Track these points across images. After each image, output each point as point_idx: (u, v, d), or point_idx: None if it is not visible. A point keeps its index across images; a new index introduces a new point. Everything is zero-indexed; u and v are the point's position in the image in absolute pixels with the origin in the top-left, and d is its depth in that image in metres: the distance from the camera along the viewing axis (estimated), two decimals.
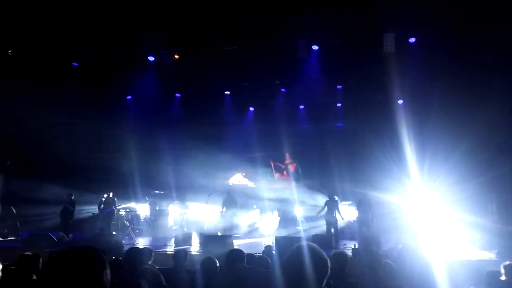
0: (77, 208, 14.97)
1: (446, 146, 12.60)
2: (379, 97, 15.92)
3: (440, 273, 5.12)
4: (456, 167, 12.47)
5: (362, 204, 13.70)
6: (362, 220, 13.60)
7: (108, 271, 2.05)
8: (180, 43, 14.26)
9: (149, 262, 5.72)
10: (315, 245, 2.47)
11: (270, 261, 5.92)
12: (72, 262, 1.96)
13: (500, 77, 12.10)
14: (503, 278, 5.48)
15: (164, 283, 4.63)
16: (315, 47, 13.94)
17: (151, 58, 14.86)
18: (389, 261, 5.56)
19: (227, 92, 18.01)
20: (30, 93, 13.71)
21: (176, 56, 14.99)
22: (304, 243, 2.46)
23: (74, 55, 14.83)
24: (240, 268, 4.46)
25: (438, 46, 12.65)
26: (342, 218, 14.03)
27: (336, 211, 13.71)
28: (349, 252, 8.47)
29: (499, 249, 10.12)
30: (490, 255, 10.37)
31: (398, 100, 15.77)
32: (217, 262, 5.34)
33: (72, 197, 14.52)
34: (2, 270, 3.43)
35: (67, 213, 14.37)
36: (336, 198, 14.26)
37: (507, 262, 5.60)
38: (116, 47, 14.23)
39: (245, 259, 5.01)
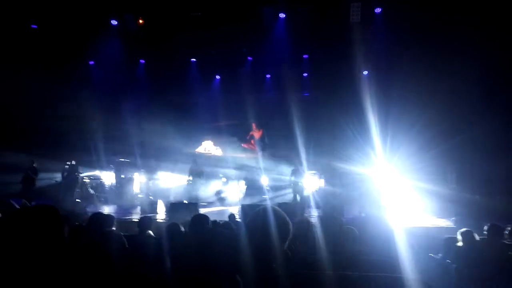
0: (40, 175, 14.62)
1: (409, 117, 12.88)
2: (344, 67, 15.97)
3: (400, 240, 5.30)
4: (418, 137, 12.79)
5: (327, 174, 13.93)
6: (327, 189, 13.85)
7: (67, 229, 2.04)
8: (144, 7, 13.84)
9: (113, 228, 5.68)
10: (278, 208, 2.51)
11: (235, 227, 5.98)
12: (29, 218, 1.95)
13: (463, 48, 12.33)
14: (459, 244, 5.68)
15: (127, 246, 4.62)
16: (282, 15, 13.82)
17: (114, 22, 14.38)
18: (351, 227, 5.72)
19: (193, 60, 17.72)
20: None
21: (141, 21, 14.56)
22: (269, 206, 2.49)
23: (33, 17, 14.19)
24: (205, 229, 4.49)
25: (404, 16, 12.75)
26: (306, 187, 14.26)
27: (302, 180, 13.90)
28: (314, 220, 8.61)
29: (457, 217, 10.49)
30: (448, 223, 10.75)
31: (364, 70, 15.91)
32: (182, 227, 5.35)
33: (34, 164, 14.14)
34: None
35: (29, 180, 14.02)
36: (302, 167, 14.40)
37: (464, 229, 5.80)
38: (78, 9, 13.68)
39: (210, 223, 5.04)
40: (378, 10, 13.35)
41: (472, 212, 10.72)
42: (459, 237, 5.72)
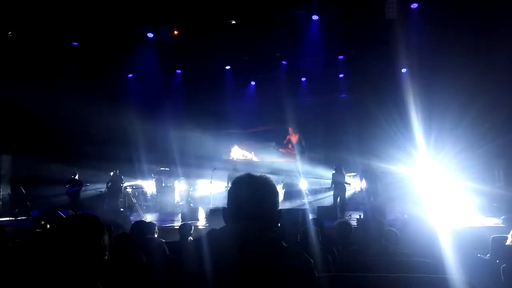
0: (87, 186, 15.25)
1: (453, 114, 12.42)
2: (382, 65, 15.65)
3: (446, 240, 5.12)
4: (463, 135, 12.35)
5: (368, 175, 13.67)
6: (368, 191, 13.60)
7: (106, 237, 2.07)
8: (178, 18, 14.09)
9: (155, 236, 5.77)
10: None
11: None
12: (70, 227, 2.00)
13: (508, 41, 11.81)
14: (508, 243, 5.45)
15: (167, 252, 4.68)
16: (314, 17, 13.74)
17: (150, 35, 14.73)
18: (392, 229, 5.58)
19: (228, 67, 17.88)
20: (32, 74, 13.75)
21: (175, 32, 14.83)
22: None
23: (74, 35, 14.73)
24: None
25: (441, 10, 12.39)
26: (349, 184, 14.05)
27: (344, 181, 13.72)
28: (354, 222, 8.48)
29: (506, 216, 10.07)
30: (497, 221, 10.35)
31: (402, 68, 15.56)
32: None
33: (76, 177, 14.63)
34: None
35: (74, 192, 14.51)
36: (343, 169, 14.17)
37: None
38: (115, 25, 14.09)
39: None
40: (414, 5, 13.04)
41: None
42: (510, 236, 5.48)
